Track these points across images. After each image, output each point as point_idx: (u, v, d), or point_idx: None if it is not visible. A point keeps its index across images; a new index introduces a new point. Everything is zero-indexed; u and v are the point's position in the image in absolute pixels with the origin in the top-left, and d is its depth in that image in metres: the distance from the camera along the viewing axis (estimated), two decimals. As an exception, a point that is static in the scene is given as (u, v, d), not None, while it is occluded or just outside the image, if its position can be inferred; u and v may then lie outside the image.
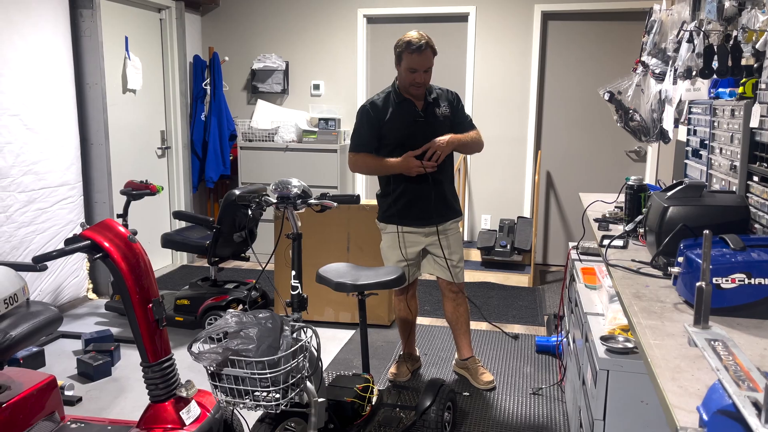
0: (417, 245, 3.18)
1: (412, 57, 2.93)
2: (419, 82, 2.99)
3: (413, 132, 3.05)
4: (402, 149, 3.05)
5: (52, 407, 2.54)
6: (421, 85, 3.02)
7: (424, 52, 2.94)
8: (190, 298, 3.92)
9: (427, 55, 2.95)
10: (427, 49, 2.95)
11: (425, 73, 2.99)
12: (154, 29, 5.34)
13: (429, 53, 2.96)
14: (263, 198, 2.37)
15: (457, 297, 3.27)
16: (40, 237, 4.00)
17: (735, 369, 0.85)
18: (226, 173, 5.80)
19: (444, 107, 3.12)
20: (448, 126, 3.12)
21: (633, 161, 5.41)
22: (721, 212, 1.85)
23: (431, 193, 3.09)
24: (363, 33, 5.67)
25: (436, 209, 3.12)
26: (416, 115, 3.07)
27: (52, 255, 2.01)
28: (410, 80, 2.99)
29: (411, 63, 2.95)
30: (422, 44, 2.92)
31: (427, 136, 3.02)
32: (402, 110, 3.07)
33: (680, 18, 2.76)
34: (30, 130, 3.89)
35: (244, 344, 1.92)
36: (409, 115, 3.07)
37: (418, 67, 2.95)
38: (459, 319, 3.30)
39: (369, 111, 3.10)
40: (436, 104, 3.11)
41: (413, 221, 3.14)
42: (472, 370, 3.31)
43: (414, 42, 2.92)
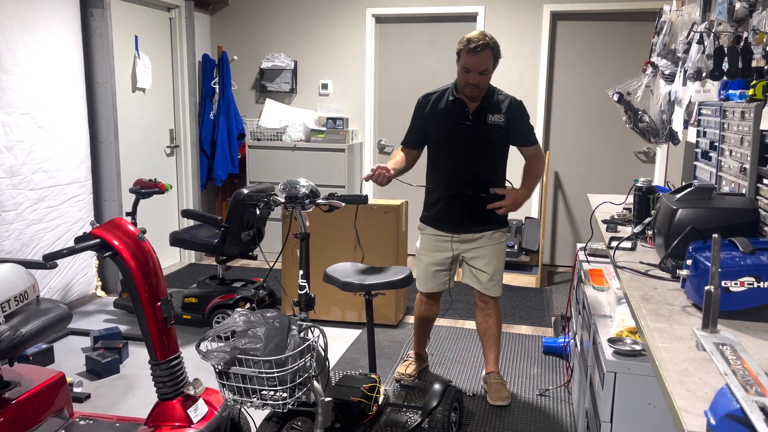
0: (449, 251, 3.10)
1: (467, 56, 2.83)
2: (473, 83, 2.88)
3: (457, 133, 2.98)
4: (443, 148, 3.01)
5: (61, 404, 2.56)
6: (476, 87, 2.89)
7: (481, 54, 2.82)
8: (197, 296, 3.93)
9: (483, 56, 2.83)
10: (486, 50, 2.82)
11: (481, 75, 2.87)
12: (163, 28, 5.36)
13: (487, 55, 2.84)
14: (271, 197, 2.38)
15: (487, 307, 3.15)
16: (50, 235, 4.02)
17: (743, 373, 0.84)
18: (234, 172, 5.82)
19: (498, 116, 2.97)
20: (499, 135, 3.00)
21: (642, 162, 5.39)
22: (731, 215, 1.84)
23: (468, 201, 3.01)
24: (371, 32, 5.67)
25: (472, 217, 3.04)
26: (464, 118, 2.97)
27: (62, 253, 2.03)
28: (464, 80, 2.89)
29: (466, 62, 2.85)
30: (480, 44, 2.80)
31: (470, 141, 2.95)
32: (451, 109, 2.99)
33: (690, 19, 2.75)
34: (41, 128, 3.92)
35: (252, 343, 1.93)
36: (457, 116, 2.98)
37: (472, 68, 2.84)
38: (487, 332, 3.18)
39: (420, 104, 3.08)
40: (489, 110, 2.97)
41: (447, 227, 3.08)
42: (489, 385, 3.15)
43: (473, 41, 2.81)
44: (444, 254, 3.12)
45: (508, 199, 3.00)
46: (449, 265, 3.16)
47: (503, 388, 3.13)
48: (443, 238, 3.11)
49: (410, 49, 5.68)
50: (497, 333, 3.21)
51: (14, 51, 3.72)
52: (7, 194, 3.70)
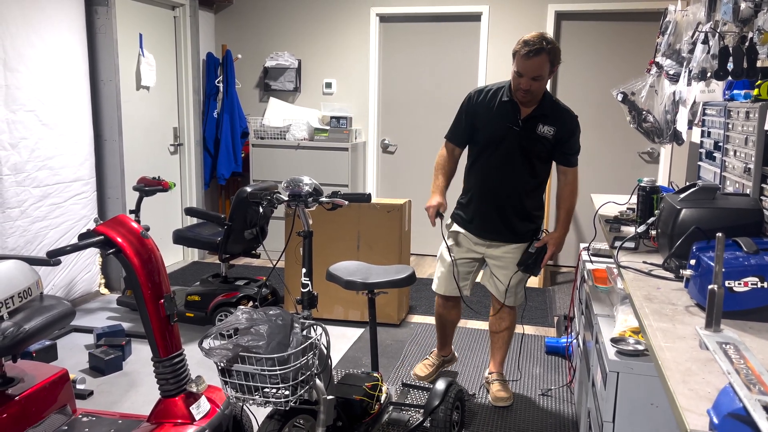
0: (474, 253, 3.02)
1: (521, 60, 2.65)
2: (524, 88, 2.70)
3: (503, 137, 2.82)
4: (488, 150, 2.87)
5: (64, 400, 2.57)
6: (528, 93, 2.72)
7: (534, 59, 2.63)
8: (200, 294, 3.94)
9: (538, 62, 2.63)
10: (540, 55, 2.63)
11: (534, 81, 2.68)
12: (168, 27, 5.37)
13: (542, 60, 2.64)
14: (275, 195, 2.38)
15: (502, 312, 3.08)
16: (54, 232, 4.03)
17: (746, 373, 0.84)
18: (237, 170, 5.83)
19: (549, 128, 2.80)
20: (545, 148, 2.84)
21: (645, 162, 5.38)
22: (735, 215, 1.84)
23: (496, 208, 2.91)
24: (375, 32, 5.67)
25: (505, 227, 2.93)
26: (513, 122, 2.80)
27: (66, 250, 2.03)
28: (516, 84, 2.73)
29: (519, 66, 2.67)
30: (534, 49, 2.61)
31: (513, 148, 2.81)
32: (502, 110, 2.82)
33: (695, 19, 2.74)
34: (45, 125, 3.93)
35: (255, 341, 1.93)
36: (506, 119, 2.81)
37: (524, 73, 2.67)
38: (498, 335, 3.14)
39: (470, 99, 2.90)
40: (542, 119, 2.80)
41: (478, 232, 2.98)
42: (492, 386, 3.14)
43: (528, 43, 2.63)
44: (470, 255, 3.02)
45: (551, 248, 2.90)
46: (473, 268, 3.07)
47: (505, 389, 3.12)
48: (470, 237, 3.01)
49: (414, 48, 5.68)
50: (508, 338, 3.16)
51: (19, 49, 3.73)
52: (12, 191, 3.71)
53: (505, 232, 2.94)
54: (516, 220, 2.93)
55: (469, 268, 3.07)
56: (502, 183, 2.89)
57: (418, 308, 4.48)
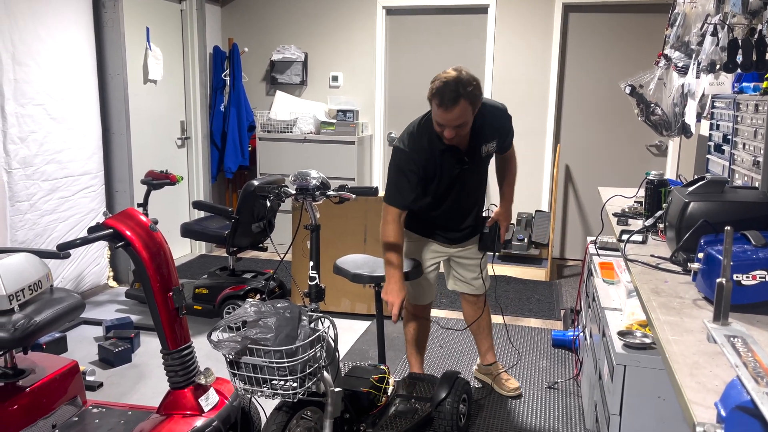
0: (438, 256, 2.95)
1: (438, 111, 2.38)
2: (448, 137, 2.45)
3: (457, 179, 2.69)
4: (439, 200, 2.74)
5: (74, 392, 2.60)
6: (453, 140, 2.49)
7: (453, 110, 2.34)
8: (208, 287, 3.96)
9: (457, 111, 2.35)
10: (458, 104, 2.33)
11: (458, 129, 2.43)
12: (174, 20, 5.38)
13: (462, 108, 2.35)
14: (282, 189, 2.39)
15: (478, 301, 3.08)
16: (63, 225, 4.06)
17: (754, 365, 0.84)
18: (244, 164, 5.84)
19: (491, 143, 2.66)
20: (491, 156, 2.75)
21: (653, 156, 5.36)
22: (743, 208, 1.83)
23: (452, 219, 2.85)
24: (382, 24, 5.65)
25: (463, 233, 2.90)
26: (460, 162, 2.62)
27: (75, 243, 2.05)
28: (438, 132, 2.49)
29: (437, 117, 2.41)
30: (453, 97, 2.33)
31: (467, 182, 2.71)
32: (447, 159, 2.59)
33: (704, 11, 2.71)
34: (54, 119, 3.95)
35: (263, 333, 1.94)
36: (454, 164, 2.62)
37: (445, 124, 2.41)
38: (480, 324, 3.13)
39: (408, 157, 2.54)
40: (481, 140, 2.62)
41: (437, 239, 2.91)
42: (496, 376, 3.15)
43: (442, 92, 2.33)
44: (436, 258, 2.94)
45: (504, 222, 2.90)
46: (437, 268, 3.00)
47: (511, 378, 3.15)
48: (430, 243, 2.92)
49: (421, 41, 5.66)
50: (490, 323, 3.18)
51: (28, 43, 3.74)
52: (21, 185, 3.74)
53: (467, 235, 2.91)
54: (473, 221, 2.90)
55: (436, 270, 3.00)
56: (460, 203, 2.81)
57: (433, 302, 4.47)
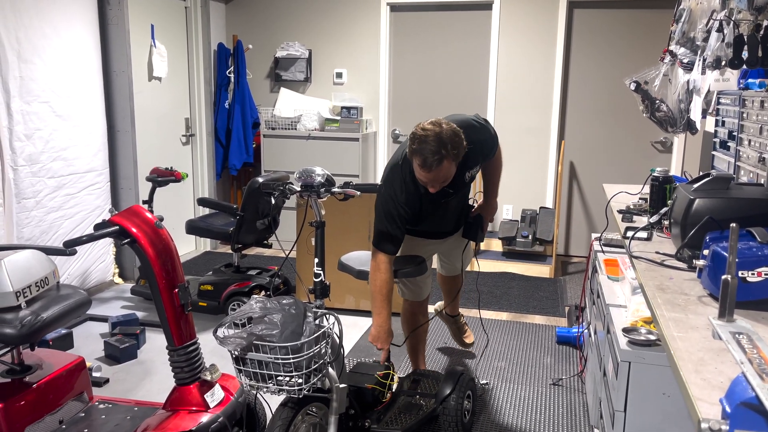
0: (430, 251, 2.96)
1: (421, 171, 2.31)
2: (433, 191, 2.42)
3: (441, 209, 2.71)
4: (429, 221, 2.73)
5: (80, 388, 2.61)
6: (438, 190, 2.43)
7: (437, 170, 2.28)
8: (213, 283, 3.97)
9: (442, 170, 2.29)
10: (443, 163, 2.26)
11: (442, 183, 2.39)
12: (179, 17, 5.38)
13: (446, 166, 2.28)
14: (287, 186, 2.40)
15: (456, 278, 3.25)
16: (69, 222, 4.08)
17: (759, 362, 0.85)
18: (249, 161, 5.85)
19: (474, 168, 2.63)
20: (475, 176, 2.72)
21: (658, 152, 5.34)
22: (749, 205, 1.83)
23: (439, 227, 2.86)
24: (386, 21, 5.65)
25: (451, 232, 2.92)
26: (446, 195, 2.59)
27: (82, 240, 2.06)
28: (422, 184, 2.42)
29: (419, 175, 2.35)
30: (435, 160, 2.24)
31: (453, 205, 2.75)
32: (432, 195, 2.50)
33: (710, 7, 2.70)
34: (59, 116, 3.96)
35: (268, 329, 1.95)
36: (440, 198, 2.58)
37: (430, 183, 2.36)
38: (453, 288, 3.29)
39: (398, 204, 2.48)
40: (465, 168, 2.56)
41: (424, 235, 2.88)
42: (457, 328, 3.43)
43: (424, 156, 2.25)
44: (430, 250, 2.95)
45: (488, 218, 2.94)
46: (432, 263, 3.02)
47: (470, 333, 3.51)
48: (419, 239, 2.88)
49: (425, 38, 5.66)
50: (460, 289, 3.34)
51: (33, 40, 3.76)
52: (27, 182, 3.75)
53: (455, 232, 2.93)
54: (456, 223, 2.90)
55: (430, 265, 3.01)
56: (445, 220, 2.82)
57: (429, 297, 4.48)
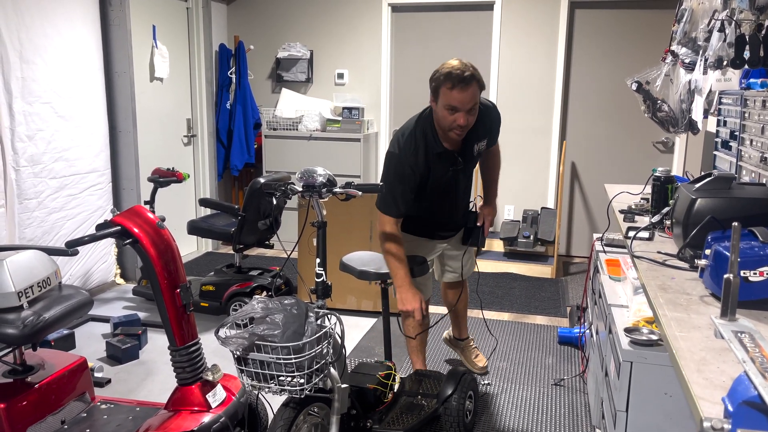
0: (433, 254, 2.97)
1: (453, 93, 2.36)
2: (461, 124, 2.41)
3: (451, 181, 2.69)
4: (433, 202, 2.72)
5: (82, 388, 2.62)
6: (464, 128, 2.45)
7: (469, 88, 2.35)
8: (215, 284, 3.98)
9: (471, 91, 2.36)
10: (473, 83, 2.36)
11: (469, 114, 2.41)
12: (180, 18, 5.39)
13: (474, 89, 2.37)
14: (289, 186, 2.40)
15: (459, 286, 3.21)
16: (71, 222, 4.08)
17: (761, 361, 0.84)
18: (250, 161, 5.86)
19: (482, 142, 2.65)
20: (478, 159, 2.78)
21: (660, 152, 5.34)
22: (751, 205, 1.83)
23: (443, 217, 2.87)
24: (387, 22, 5.65)
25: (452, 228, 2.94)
26: (454, 163, 2.61)
27: (84, 240, 2.06)
28: (449, 122, 2.43)
29: (451, 100, 2.38)
30: (467, 76, 2.34)
31: (459, 182, 2.72)
32: (442, 162, 2.57)
33: (711, 6, 2.70)
34: (61, 117, 3.97)
35: (270, 330, 1.95)
36: (449, 166, 2.59)
37: (460, 106, 2.38)
38: (460, 305, 3.26)
39: (405, 165, 2.53)
40: (473, 139, 2.60)
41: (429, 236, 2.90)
42: (467, 351, 3.33)
43: (455, 73, 2.34)
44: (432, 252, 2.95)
45: (489, 221, 2.92)
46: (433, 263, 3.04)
47: (481, 355, 3.37)
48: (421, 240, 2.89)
49: (426, 38, 5.66)
50: (466, 305, 3.31)
51: (35, 41, 3.76)
52: (29, 182, 3.76)
53: (456, 229, 2.95)
54: (462, 216, 2.93)
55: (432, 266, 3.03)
56: (455, 203, 2.83)
57: (431, 298, 4.48)
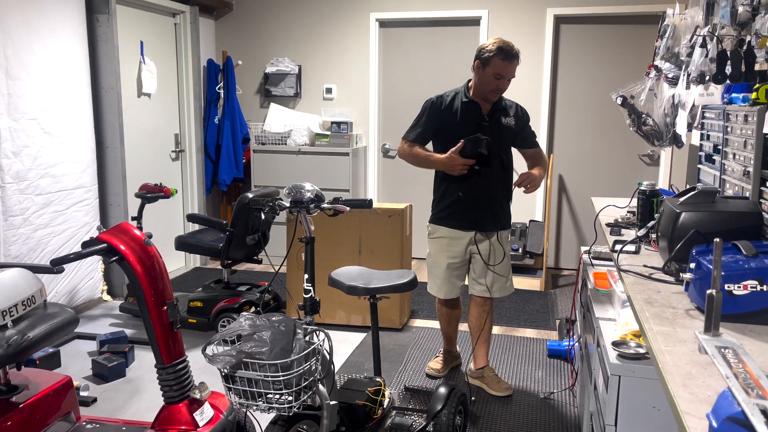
0: (464, 247, 3.19)
1: (502, 63, 2.97)
2: (503, 88, 3.05)
3: (474, 133, 3.05)
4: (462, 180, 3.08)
5: (68, 408, 2.58)
6: (502, 92, 3.08)
7: (514, 62, 3.01)
8: (203, 300, 3.95)
9: (515, 64, 3.02)
10: (517, 58, 3.02)
11: (508, 81, 3.04)
12: (168, 34, 5.40)
13: (517, 62, 3.03)
14: (277, 202, 2.39)
15: (485, 304, 3.26)
16: (57, 239, 4.05)
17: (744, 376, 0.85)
18: (239, 176, 5.85)
19: (510, 118, 3.14)
20: (511, 136, 3.17)
21: (646, 165, 5.39)
22: (734, 218, 1.84)
23: (477, 198, 3.10)
24: (375, 37, 5.69)
25: (485, 216, 3.14)
26: (481, 119, 3.10)
27: (69, 258, 2.04)
28: (494, 86, 3.02)
29: (500, 69, 2.98)
30: (514, 53, 2.99)
31: (491, 150, 3.04)
32: (468, 111, 3.10)
33: (693, 22, 2.75)
34: (47, 133, 3.95)
35: (258, 347, 1.94)
36: (474, 117, 3.10)
37: (506, 75, 3.00)
38: (482, 328, 3.29)
39: (435, 104, 3.15)
40: (502, 112, 3.13)
41: (462, 224, 3.16)
42: (488, 379, 3.27)
43: (506, 49, 2.97)
44: (460, 249, 3.19)
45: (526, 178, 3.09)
46: (464, 265, 3.24)
47: (502, 379, 3.28)
48: (459, 234, 3.18)
49: (414, 53, 5.70)
50: (490, 330, 3.36)
51: (21, 56, 3.75)
52: (14, 199, 3.73)
53: (491, 221, 3.16)
54: (497, 207, 3.18)
55: (463, 268, 3.26)
56: (482, 176, 3.09)
57: (420, 312, 4.48)
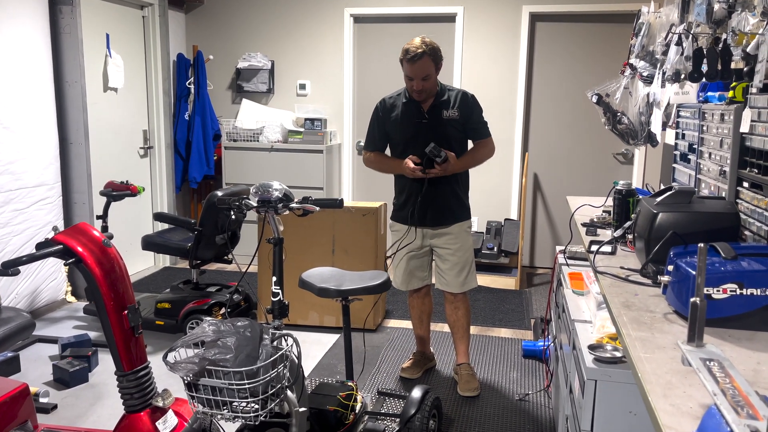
0: (420, 240, 3.22)
1: (407, 65, 2.98)
2: (417, 89, 3.03)
3: (416, 133, 3.10)
4: (406, 149, 3.11)
5: (24, 416, 2.46)
6: (421, 92, 3.04)
7: (419, 62, 2.95)
8: (171, 301, 3.83)
9: (422, 64, 2.96)
10: (423, 58, 2.95)
11: (424, 81, 3.00)
12: (136, 27, 5.24)
13: (425, 62, 2.97)
14: (243, 201, 2.30)
15: (456, 299, 3.27)
16: (17, 239, 3.90)
17: (733, 393, 0.80)
18: (210, 173, 5.72)
19: (452, 111, 3.12)
20: (457, 129, 3.13)
21: (620, 164, 5.40)
22: (711, 219, 1.81)
23: (428, 195, 3.11)
24: (350, 32, 5.60)
25: (432, 211, 3.16)
26: (420, 116, 3.11)
27: (21, 260, 1.93)
28: (409, 87, 3.07)
29: (407, 71, 3.01)
30: (418, 53, 2.94)
31: (429, 138, 3.02)
32: (407, 111, 3.13)
33: (669, 20, 2.72)
34: (6, 128, 3.79)
35: (222, 354, 1.85)
36: (413, 116, 3.11)
37: (413, 76, 2.99)
38: (456, 323, 3.30)
39: (378, 109, 3.21)
40: (443, 106, 3.12)
41: (419, 222, 3.18)
42: (461, 377, 3.28)
43: (410, 51, 2.96)
44: (417, 243, 3.22)
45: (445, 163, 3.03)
46: (424, 256, 3.27)
47: (473, 379, 3.25)
48: (419, 233, 3.22)
49: (389, 49, 5.62)
50: (467, 324, 3.33)
51: (-22, 49, 3.59)
52: (-29, 197, 3.57)
53: (446, 215, 3.17)
54: (452, 201, 3.17)
55: (423, 260, 3.28)
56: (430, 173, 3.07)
57: (395, 312, 4.42)
